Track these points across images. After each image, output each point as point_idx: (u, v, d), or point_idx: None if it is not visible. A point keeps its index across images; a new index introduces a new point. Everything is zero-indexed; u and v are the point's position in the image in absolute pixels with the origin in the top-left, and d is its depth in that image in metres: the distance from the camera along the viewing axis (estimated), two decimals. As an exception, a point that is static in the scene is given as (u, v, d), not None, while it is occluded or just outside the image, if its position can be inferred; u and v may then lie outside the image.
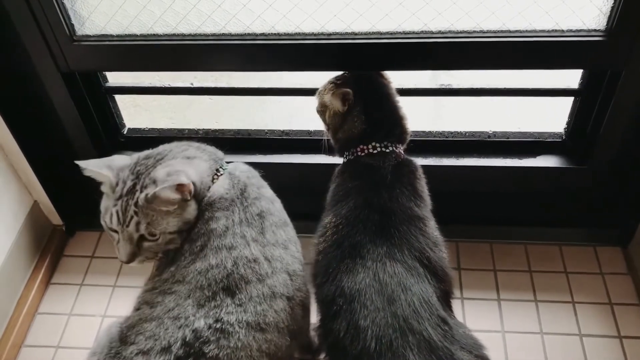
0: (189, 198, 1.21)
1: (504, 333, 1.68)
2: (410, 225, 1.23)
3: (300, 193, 1.54)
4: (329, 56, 1.48)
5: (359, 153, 1.36)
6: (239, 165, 1.35)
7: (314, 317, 1.30)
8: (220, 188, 1.28)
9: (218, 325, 1.10)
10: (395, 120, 1.38)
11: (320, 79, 1.47)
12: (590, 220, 1.85)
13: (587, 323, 1.69)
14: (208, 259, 1.18)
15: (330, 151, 1.47)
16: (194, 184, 1.22)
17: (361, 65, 1.47)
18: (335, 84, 1.41)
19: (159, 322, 1.12)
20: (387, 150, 1.34)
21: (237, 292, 1.14)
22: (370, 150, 1.34)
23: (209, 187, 1.29)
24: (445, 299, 1.21)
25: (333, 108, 1.39)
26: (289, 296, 1.20)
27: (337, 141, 1.43)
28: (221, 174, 1.32)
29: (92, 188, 1.93)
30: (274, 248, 1.23)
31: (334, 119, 1.41)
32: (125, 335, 1.14)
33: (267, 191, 1.34)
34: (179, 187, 1.18)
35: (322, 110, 1.44)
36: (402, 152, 1.37)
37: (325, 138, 1.48)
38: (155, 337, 1.10)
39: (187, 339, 1.09)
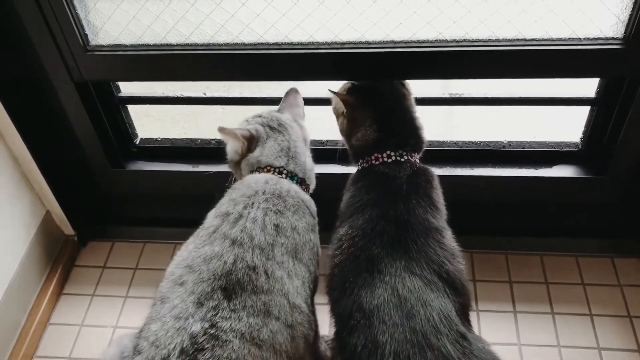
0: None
1: (520, 346, 1.65)
2: (427, 237, 1.21)
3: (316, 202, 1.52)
4: (342, 65, 1.47)
5: (374, 161, 1.34)
6: (300, 192, 1.33)
7: (329, 331, 1.28)
8: (254, 177, 1.32)
9: (212, 331, 1.07)
10: (410, 130, 1.37)
11: (333, 88, 1.46)
12: (608, 231, 1.82)
13: (605, 336, 1.66)
14: (213, 245, 1.18)
15: (343, 160, 1.46)
16: (250, 137, 1.37)
17: (375, 74, 1.46)
18: (347, 88, 1.42)
19: (162, 323, 1.10)
20: (402, 160, 1.33)
21: (234, 296, 1.11)
22: (385, 159, 1.33)
23: (254, 169, 1.35)
24: (463, 312, 1.19)
25: (340, 112, 1.40)
26: (288, 323, 1.16)
27: (351, 147, 1.42)
28: (271, 172, 1.33)
29: (104, 198, 1.94)
30: (277, 267, 1.18)
31: (346, 125, 1.41)
32: (137, 342, 1.13)
33: (301, 224, 1.28)
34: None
35: (337, 114, 1.45)
36: (417, 161, 1.35)
37: (340, 148, 1.47)
38: (157, 344, 1.08)
39: (184, 346, 1.06)
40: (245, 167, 1.38)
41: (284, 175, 1.33)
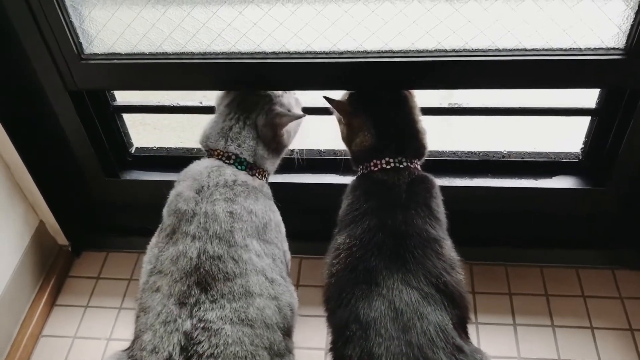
0: None
1: (520, 359, 1.63)
2: (425, 248, 1.19)
3: (310, 213, 1.51)
4: (340, 75, 1.46)
5: (372, 168, 1.33)
6: (248, 180, 1.32)
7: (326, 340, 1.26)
8: (197, 167, 1.34)
9: (202, 325, 1.13)
10: (410, 134, 1.35)
11: (334, 97, 1.44)
12: (609, 243, 1.80)
13: (606, 350, 1.64)
14: (177, 245, 1.21)
15: (346, 170, 1.44)
16: None
17: (374, 84, 1.45)
18: (348, 95, 1.43)
19: (153, 332, 1.14)
20: (401, 166, 1.31)
21: (209, 288, 1.16)
22: (384, 166, 1.31)
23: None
24: (461, 324, 1.18)
25: (339, 119, 1.41)
26: (272, 296, 1.22)
27: (351, 153, 1.41)
28: (214, 157, 1.36)
29: (99, 208, 1.92)
30: (243, 251, 1.22)
31: (345, 132, 1.41)
32: (132, 354, 1.17)
33: (258, 207, 1.30)
34: None
35: (338, 121, 1.45)
36: (418, 168, 1.34)
37: (343, 157, 1.46)
38: (156, 350, 1.12)
39: (183, 344, 1.11)
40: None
41: (231, 161, 1.34)
